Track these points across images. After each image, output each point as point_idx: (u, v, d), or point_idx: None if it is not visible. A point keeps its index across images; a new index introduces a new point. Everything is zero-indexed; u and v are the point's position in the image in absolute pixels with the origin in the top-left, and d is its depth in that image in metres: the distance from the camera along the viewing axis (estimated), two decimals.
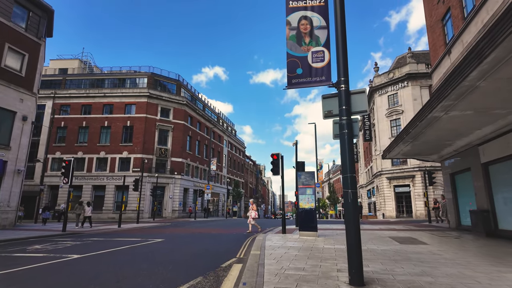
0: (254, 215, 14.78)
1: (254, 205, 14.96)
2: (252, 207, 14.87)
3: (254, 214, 14.79)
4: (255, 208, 14.94)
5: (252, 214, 14.76)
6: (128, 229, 17.70)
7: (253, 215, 14.77)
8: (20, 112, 18.85)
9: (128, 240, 11.34)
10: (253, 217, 14.75)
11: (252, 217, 14.72)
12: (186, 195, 40.10)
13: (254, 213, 14.80)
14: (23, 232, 15.06)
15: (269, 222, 27.27)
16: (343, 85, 5.09)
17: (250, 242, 10.61)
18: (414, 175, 31.44)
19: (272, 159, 12.88)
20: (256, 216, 14.84)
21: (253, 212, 14.76)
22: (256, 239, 10.55)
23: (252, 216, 14.74)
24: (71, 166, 15.17)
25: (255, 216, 14.81)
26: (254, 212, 14.81)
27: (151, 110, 37.04)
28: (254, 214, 14.78)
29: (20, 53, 19.19)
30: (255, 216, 14.82)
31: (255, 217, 14.84)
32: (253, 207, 14.88)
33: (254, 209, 14.83)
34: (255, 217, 14.81)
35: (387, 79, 35.40)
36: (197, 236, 12.79)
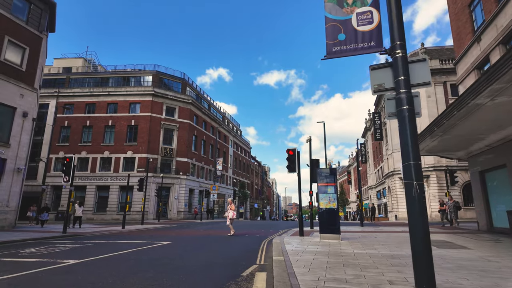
0: (231, 215, 13.35)
1: (233, 205, 13.56)
2: (231, 207, 13.48)
3: (232, 214, 13.38)
4: (234, 207, 13.52)
5: (230, 214, 13.38)
6: (132, 231, 16.76)
7: (231, 215, 13.35)
8: (20, 108, 18.04)
9: (132, 243, 10.36)
10: (231, 218, 13.31)
11: (229, 217, 13.33)
12: (192, 196, 39.15)
13: (232, 213, 13.39)
14: (22, 234, 14.17)
15: (279, 224, 26.18)
16: (399, 51, 4.07)
17: (266, 245, 9.58)
18: (428, 175, 30.18)
19: (288, 155, 11.85)
20: (234, 217, 13.39)
21: (231, 212, 13.40)
22: (273, 242, 9.52)
23: (230, 216, 13.34)
24: (72, 164, 14.27)
25: (232, 217, 13.35)
26: (233, 212, 13.41)
27: (156, 109, 36.21)
28: (231, 215, 13.37)
29: (20, 47, 18.40)
30: (232, 216, 13.36)
31: (233, 218, 13.37)
32: (231, 206, 13.49)
33: (232, 209, 13.44)
34: (233, 218, 13.35)
35: None
36: (206, 239, 11.78)
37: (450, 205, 17.58)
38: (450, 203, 17.64)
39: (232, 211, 13.42)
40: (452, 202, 17.61)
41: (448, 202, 17.91)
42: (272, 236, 12.71)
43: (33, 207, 22.73)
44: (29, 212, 22.30)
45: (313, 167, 16.10)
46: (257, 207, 71.20)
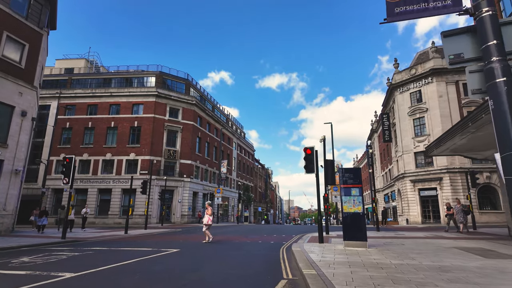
0: (207, 221, 12.06)
1: (210, 209, 12.31)
2: (207, 211, 12.24)
3: (207, 219, 12.10)
4: (210, 212, 12.26)
5: (205, 219, 12.13)
6: (136, 236, 15.82)
7: (206, 221, 12.07)
8: (18, 106, 17.21)
9: (137, 250, 9.43)
10: (206, 223, 12.03)
11: (205, 222, 12.07)
12: (196, 199, 38.19)
13: (208, 218, 12.12)
14: (18, 239, 13.27)
15: (288, 229, 25.12)
16: (487, 9, 3.14)
17: (286, 253, 8.63)
18: (441, 177, 29.10)
19: (306, 155, 10.90)
20: (210, 222, 12.07)
21: (206, 217, 12.15)
22: (293, 250, 8.54)
23: (205, 221, 12.08)
24: (72, 165, 13.39)
25: (207, 222, 12.04)
26: (208, 217, 12.13)
27: (159, 110, 35.38)
28: (207, 220, 12.09)
29: (19, 43, 17.60)
30: (207, 221, 12.05)
31: (208, 223, 12.04)
32: (207, 211, 12.23)
33: (209, 214, 12.18)
34: (207, 223, 12.04)
35: (409, 76, 33.26)
36: (218, 246, 10.82)
37: (457, 210, 16.29)
38: (457, 207, 16.37)
39: (208, 216, 12.14)
40: (459, 206, 16.40)
41: (456, 206, 16.64)
42: (287, 242, 11.73)
43: (36, 211, 21.32)
44: (32, 216, 20.97)
45: (328, 168, 15.14)
46: (260, 210, 70.13)
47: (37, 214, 19.85)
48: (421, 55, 36.64)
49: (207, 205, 12.52)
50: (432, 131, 30.32)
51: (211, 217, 12.21)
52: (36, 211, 20.29)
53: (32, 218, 20.39)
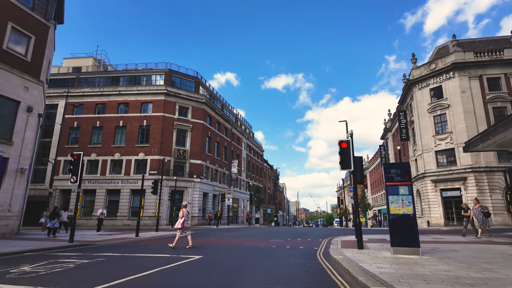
0: (182, 224, 10.64)
1: (183, 210, 10.89)
2: (180, 214, 10.93)
3: (177, 222, 10.75)
4: (181, 214, 10.85)
5: (180, 222, 10.73)
6: (148, 239, 14.75)
7: (176, 224, 10.72)
8: (24, 102, 16.29)
9: (154, 257, 8.30)
10: (180, 227, 10.62)
11: (179, 226, 10.64)
12: (206, 200, 37.10)
13: (182, 220, 10.67)
14: (23, 243, 12.26)
15: (308, 231, 23.77)
16: None
17: (328, 262, 7.40)
18: (465, 177, 27.52)
19: (341, 148, 9.70)
20: (179, 226, 10.63)
21: (180, 220, 10.75)
22: (337, 259, 7.32)
23: (177, 224, 10.70)
24: (80, 162, 12.37)
25: (179, 225, 10.62)
26: (183, 219, 10.70)
27: (168, 108, 34.42)
28: (177, 223, 10.72)
29: (25, 35, 16.72)
30: (177, 225, 10.66)
31: (181, 227, 10.64)
32: (181, 213, 10.90)
33: (180, 216, 10.83)
34: (181, 227, 10.62)
35: (428, 71, 31.75)
36: (242, 250, 9.64)
37: (475, 211, 14.45)
38: (475, 209, 14.49)
39: (183, 219, 10.70)
40: (478, 207, 14.52)
41: (474, 207, 14.70)
42: (319, 247, 10.50)
43: (47, 212, 19.23)
44: (42, 218, 18.86)
45: (356, 166, 13.85)
46: (270, 212, 68.83)
47: (47, 216, 18.43)
48: (440, 49, 35.10)
49: (183, 206, 11.10)
50: (455, 128, 28.80)
51: (182, 220, 10.67)
52: (47, 212, 18.89)
53: (43, 220, 18.66)
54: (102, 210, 19.52)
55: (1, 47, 15.39)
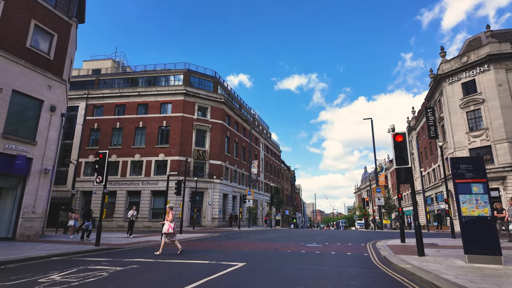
0: (167, 229, 9.49)
1: (171, 214, 9.74)
2: (167, 217, 9.75)
3: (167, 227, 9.54)
4: (171, 218, 9.66)
5: (165, 227, 9.59)
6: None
7: (166, 229, 9.52)
8: (47, 101, 15.92)
9: (192, 264, 7.47)
10: (166, 232, 9.49)
11: (166, 231, 9.51)
12: (225, 201, 36.37)
13: (169, 225, 9.53)
14: (48, 245, 11.73)
15: (339, 234, 22.57)
16: None
17: (392, 270, 6.36)
18: (504, 176, 25.67)
19: (395, 142, 8.63)
20: (170, 231, 9.50)
21: (166, 224, 9.61)
22: (407, 269, 6.27)
23: (165, 229, 9.54)
24: (106, 161, 11.75)
25: (168, 231, 9.47)
26: (169, 224, 9.56)
27: (188, 108, 33.94)
28: (167, 228, 9.52)
29: (48, 33, 16.38)
30: (168, 230, 9.49)
31: (169, 232, 9.50)
32: (168, 216, 9.73)
33: (169, 220, 9.63)
34: (168, 232, 9.50)
35: (460, 64, 30.00)
36: (286, 257, 8.70)
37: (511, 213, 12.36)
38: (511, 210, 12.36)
39: (168, 223, 9.55)
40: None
41: (510, 208, 12.61)
42: (368, 253, 9.43)
43: (75, 214, 18.03)
44: (71, 221, 17.44)
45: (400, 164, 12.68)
46: (288, 214, 67.57)
47: (76, 218, 17.45)
48: (471, 41, 33.19)
49: (168, 208, 9.98)
50: (491, 124, 26.99)
51: (173, 224, 9.63)
52: (75, 214, 17.87)
53: (72, 223, 17.23)
54: (133, 212, 18.33)
55: (24, 45, 15.06)
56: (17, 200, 14.61)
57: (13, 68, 14.39)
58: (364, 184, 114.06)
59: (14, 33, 14.70)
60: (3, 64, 13.96)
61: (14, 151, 14.07)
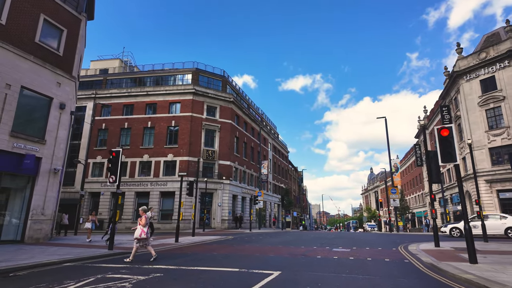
0: (139, 234, 8.50)
1: (144, 218, 8.69)
2: (140, 221, 8.68)
3: (140, 231, 8.53)
4: (144, 222, 8.64)
5: (137, 231, 8.56)
6: (190, 246, 13.30)
7: (138, 234, 8.51)
8: (57, 98, 15.34)
9: (219, 272, 6.73)
10: (138, 238, 8.50)
11: (137, 236, 8.50)
12: (235, 202, 35.63)
13: (141, 230, 8.55)
14: (58, 249, 11.07)
15: (359, 238, 21.70)
16: None
17: (454, 282, 5.55)
18: None
19: (440, 137, 7.82)
20: (143, 236, 8.52)
21: (138, 229, 8.59)
22: (481, 284, 5.46)
23: (137, 234, 8.53)
24: (119, 159, 11.09)
25: (140, 236, 8.49)
26: (141, 228, 8.57)
27: (197, 108, 33.30)
28: (139, 232, 8.52)
29: (57, 28, 15.82)
30: (140, 235, 8.49)
31: (141, 237, 8.51)
32: (141, 220, 8.68)
33: (142, 224, 8.61)
34: (140, 237, 8.50)
35: (478, 61, 28.99)
36: (321, 264, 7.90)
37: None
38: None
39: (141, 227, 8.57)
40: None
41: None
42: (409, 259, 8.60)
43: (93, 216, 16.68)
44: (88, 223, 16.11)
45: (431, 162, 11.87)
46: (296, 215, 66.65)
47: (93, 221, 16.32)
48: (489, 37, 32.14)
49: (141, 211, 8.98)
50: None
51: (146, 229, 8.66)
52: (92, 216, 16.63)
53: (89, 225, 15.93)
54: (151, 213, 17.53)
55: (33, 40, 14.50)
56: (26, 201, 14.02)
57: (22, 63, 13.82)
58: (372, 185, 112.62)
59: (22, 27, 14.15)
60: (11, 60, 13.40)
61: (22, 150, 13.48)
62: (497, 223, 18.93)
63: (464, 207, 8.00)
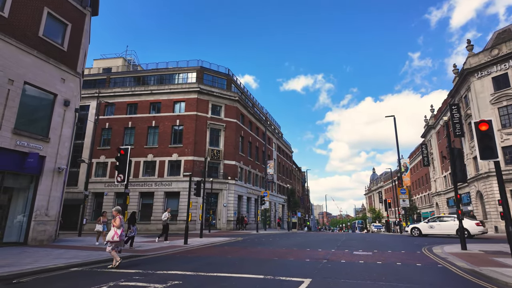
0: (112, 236, 7.76)
1: (118, 219, 7.95)
2: (114, 222, 7.92)
3: (113, 234, 7.79)
4: (119, 223, 7.89)
5: (110, 234, 7.84)
6: (201, 248, 12.72)
7: (111, 236, 7.77)
8: (61, 95, 14.79)
9: (244, 280, 6.13)
10: (111, 240, 7.74)
11: (110, 239, 7.76)
12: (240, 203, 35.05)
13: (114, 232, 7.81)
14: (64, 252, 10.51)
15: (374, 240, 21.09)
16: None
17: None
18: None
19: (480, 132, 7.18)
20: (116, 239, 7.77)
21: (112, 230, 7.87)
22: None
23: (109, 237, 7.79)
24: (127, 157, 10.51)
25: (113, 238, 7.73)
26: (115, 230, 7.84)
27: (201, 107, 32.74)
28: (112, 235, 7.78)
29: (61, 22, 15.28)
30: (113, 238, 7.74)
31: (114, 240, 7.75)
32: (115, 221, 7.92)
33: (116, 225, 7.87)
34: (113, 240, 7.75)
35: (489, 58, 28.32)
36: (353, 270, 7.27)
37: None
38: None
39: (115, 229, 7.84)
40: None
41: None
42: (445, 265, 7.97)
43: (103, 218, 15.11)
44: (99, 225, 14.72)
45: (456, 160, 11.25)
46: (300, 216, 65.96)
47: (104, 222, 14.86)
48: (500, 34, 31.46)
49: (115, 212, 8.16)
50: None
51: (119, 231, 7.91)
52: (103, 217, 15.10)
53: (100, 228, 14.63)
54: (168, 214, 16.04)
55: (36, 35, 13.97)
56: (29, 202, 13.48)
57: (25, 58, 13.28)
58: (376, 186, 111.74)
59: (25, 21, 13.61)
60: (14, 54, 12.86)
61: (26, 148, 12.93)
62: (451, 224, 19.95)
63: (506, 206, 7.37)
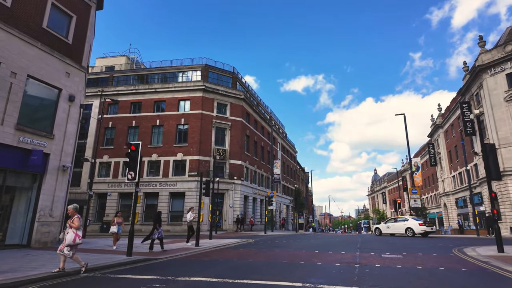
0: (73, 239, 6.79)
1: (77, 219, 6.97)
2: (72, 223, 6.92)
3: (74, 236, 6.82)
4: (78, 224, 6.93)
5: (69, 236, 6.82)
6: (213, 250, 12.00)
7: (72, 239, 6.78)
8: (66, 89, 14.10)
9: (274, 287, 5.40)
10: (72, 244, 6.81)
11: (71, 242, 6.78)
12: (246, 203, 34.33)
13: (75, 234, 6.84)
14: None
15: (395, 242, 20.30)
16: None
17: None
18: None
19: None
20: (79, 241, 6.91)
21: (71, 233, 6.84)
22: None
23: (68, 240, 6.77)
24: (138, 153, 9.85)
25: (74, 241, 6.80)
26: (75, 232, 6.86)
27: (207, 105, 32.05)
28: (74, 237, 6.80)
29: (66, 14, 14.62)
30: (74, 241, 6.80)
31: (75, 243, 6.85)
32: (73, 222, 6.93)
33: (75, 227, 6.89)
34: (74, 243, 6.83)
35: (503, 54, 27.60)
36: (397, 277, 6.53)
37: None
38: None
39: (74, 231, 6.87)
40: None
41: None
42: (490, 268, 7.25)
43: (118, 218, 13.68)
44: (113, 227, 13.45)
45: (489, 157, 10.52)
46: (305, 217, 65.17)
47: (120, 223, 13.54)
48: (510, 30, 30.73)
49: (73, 210, 7.10)
50: None
51: (80, 232, 7.04)
52: (118, 218, 13.66)
53: (115, 230, 13.36)
54: (192, 214, 14.78)
55: (40, 26, 13.30)
56: (32, 202, 12.79)
57: (28, 50, 12.61)
58: (379, 186, 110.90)
59: (29, 11, 12.95)
60: (17, 46, 12.19)
61: (29, 145, 12.25)
62: (401, 224, 22.76)
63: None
